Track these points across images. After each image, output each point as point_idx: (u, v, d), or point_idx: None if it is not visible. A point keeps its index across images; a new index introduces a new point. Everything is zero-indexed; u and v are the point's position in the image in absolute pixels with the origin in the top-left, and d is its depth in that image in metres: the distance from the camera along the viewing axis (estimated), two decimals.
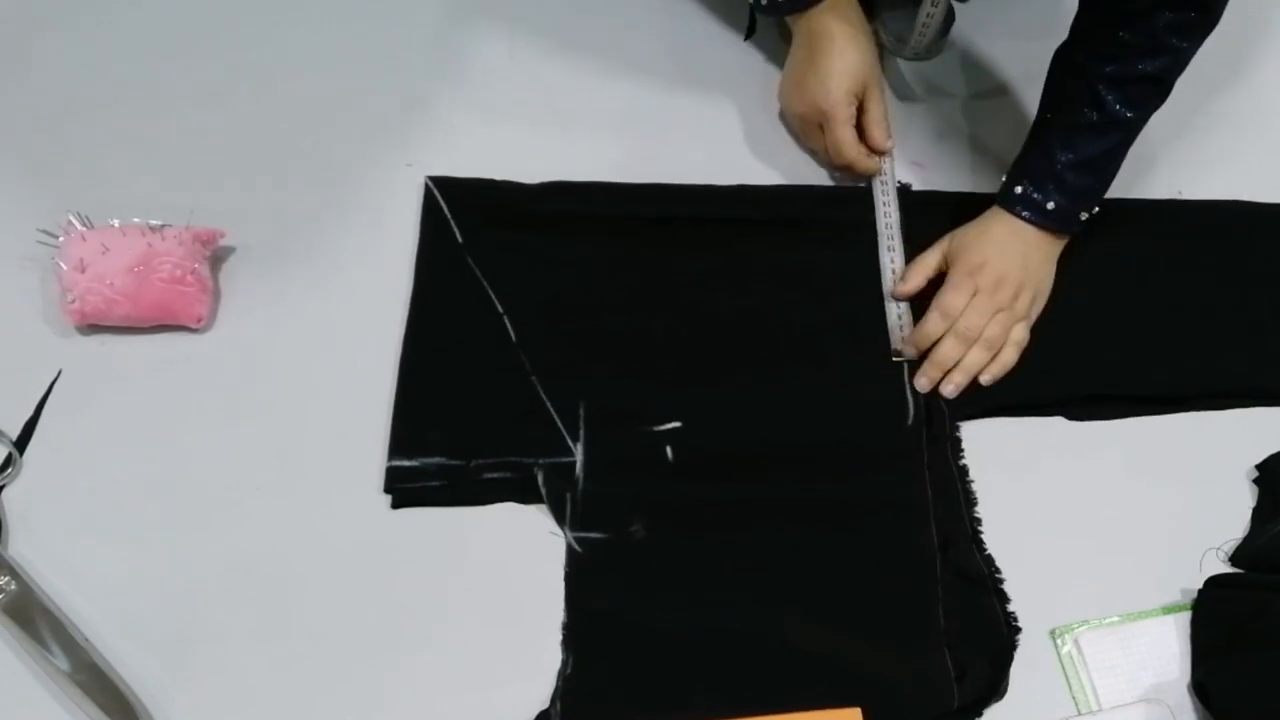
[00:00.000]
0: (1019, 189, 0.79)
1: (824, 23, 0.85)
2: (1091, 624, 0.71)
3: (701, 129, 0.91)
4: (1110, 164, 0.79)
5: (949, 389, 0.78)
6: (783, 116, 0.92)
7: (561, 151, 0.88)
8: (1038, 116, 0.81)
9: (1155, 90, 0.77)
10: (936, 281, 0.82)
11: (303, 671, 0.67)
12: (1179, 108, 0.85)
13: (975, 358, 0.78)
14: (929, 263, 0.82)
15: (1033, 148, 0.80)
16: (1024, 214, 0.79)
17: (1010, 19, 0.99)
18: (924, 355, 0.79)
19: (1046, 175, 0.78)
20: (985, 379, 0.79)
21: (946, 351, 0.78)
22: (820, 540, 0.72)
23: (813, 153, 0.90)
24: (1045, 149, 0.78)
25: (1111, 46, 0.74)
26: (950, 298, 0.79)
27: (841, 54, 0.84)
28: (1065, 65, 0.78)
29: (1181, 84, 0.77)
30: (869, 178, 0.88)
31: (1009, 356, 0.79)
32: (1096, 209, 0.80)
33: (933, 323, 0.79)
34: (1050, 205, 0.79)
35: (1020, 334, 0.80)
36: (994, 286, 0.79)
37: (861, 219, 0.87)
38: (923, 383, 0.79)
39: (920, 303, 0.81)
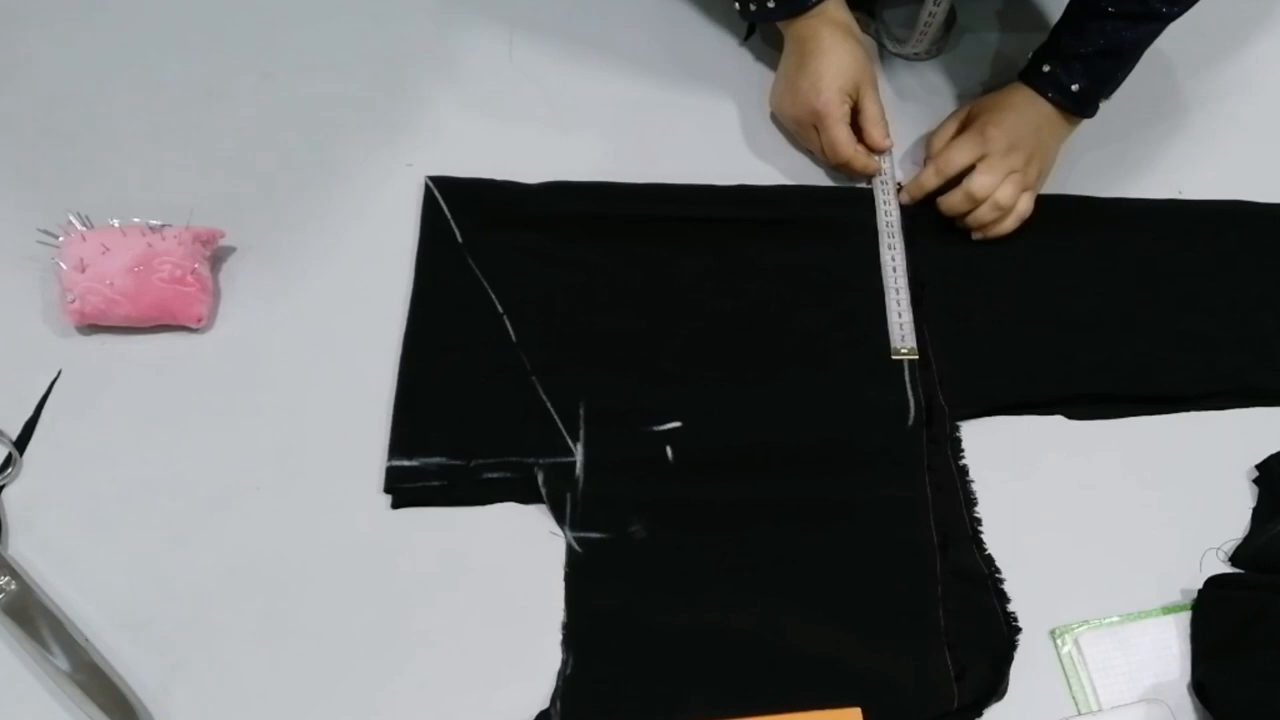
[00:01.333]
0: (1046, 68, 0.82)
1: (813, 27, 0.86)
2: (1091, 624, 0.71)
3: (701, 129, 0.91)
4: (1136, 54, 0.82)
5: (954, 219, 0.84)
6: (777, 121, 0.92)
7: (561, 151, 0.88)
8: (1071, 1, 0.82)
9: None
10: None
11: (303, 671, 0.67)
12: (1179, 108, 0.85)
13: (984, 214, 0.82)
14: (949, 129, 0.86)
15: (1064, 30, 0.82)
16: (1048, 93, 0.82)
17: (1010, 19, 0.99)
18: (925, 350, 0.80)
19: (1075, 57, 0.81)
20: (976, 235, 0.83)
21: (954, 201, 0.82)
22: (820, 540, 0.72)
23: (811, 153, 0.90)
24: (1079, 32, 0.80)
25: None
26: (951, 154, 0.83)
27: (831, 54, 0.85)
28: None
29: (1181, 83, 0.77)
30: (868, 177, 0.88)
31: (1009, 225, 0.83)
32: (1109, 99, 0.83)
33: (928, 175, 0.84)
34: (1075, 87, 0.81)
35: (1026, 204, 0.83)
36: (1006, 150, 0.82)
37: (861, 219, 0.87)
38: (904, 199, 0.84)
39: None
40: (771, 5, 0.86)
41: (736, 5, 0.88)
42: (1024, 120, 0.83)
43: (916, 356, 0.80)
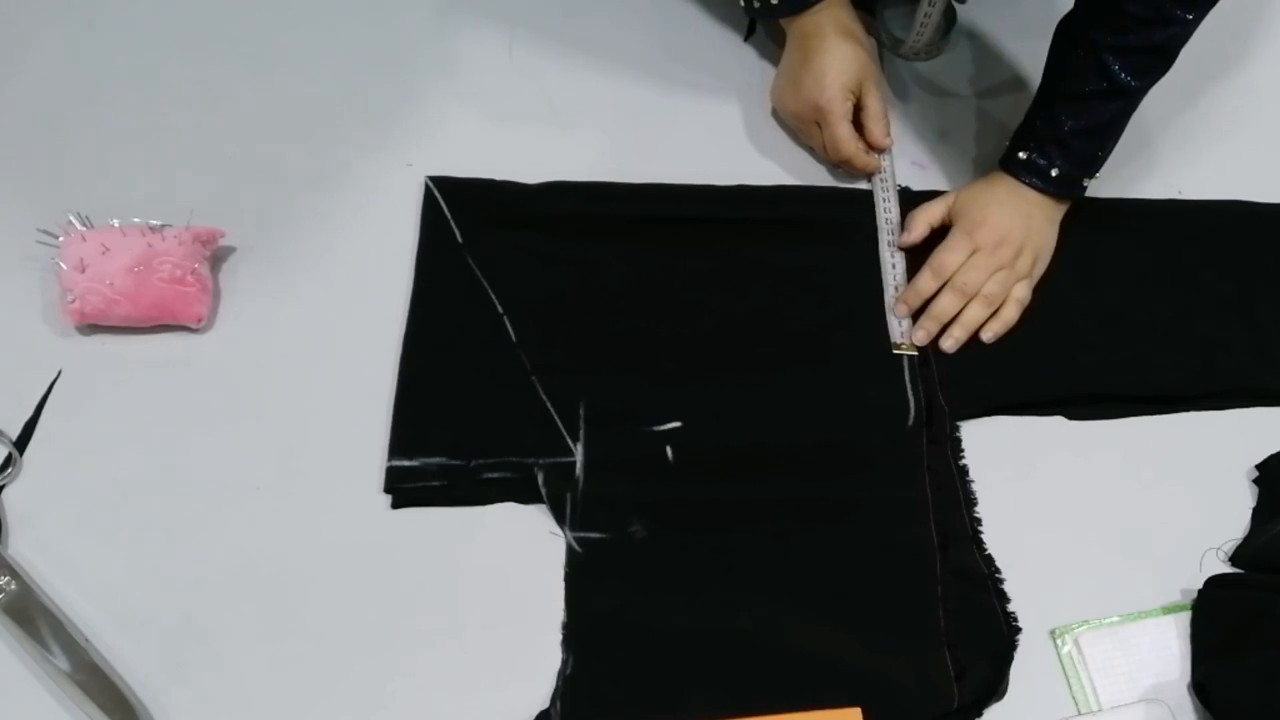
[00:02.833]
0: (1023, 154, 0.81)
1: (817, 24, 0.86)
2: (1091, 624, 0.71)
3: (701, 129, 0.91)
4: (1114, 131, 0.80)
5: (949, 343, 0.79)
6: (777, 117, 0.92)
7: (561, 151, 0.88)
8: (1041, 85, 0.81)
9: (1160, 60, 0.77)
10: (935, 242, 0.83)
11: (303, 671, 0.67)
12: (1179, 108, 0.84)
13: (975, 312, 0.79)
14: (934, 212, 0.84)
15: (1037, 114, 0.81)
16: (1028, 179, 0.81)
17: (1009, 19, 0.99)
18: (925, 349, 0.80)
19: (1051, 141, 0.79)
20: (987, 336, 0.80)
21: (944, 305, 0.80)
22: (820, 540, 0.72)
23: (812, 151, 0.90)
24: (1050, 116, 0.79)
25: (1118, 17, 0.75)
26: (944, 255, 0.81)
27: (835, 51, 0.85)
28: (1070, 35, 0.78)
29: (1181, 84, 0.77)
30: (869, 175, 0.88)
31: (1010, 314, 0.80)
32: (1097, 176, 0.81)
33: (924, 279, 0.80)
34: (1054, 172, 0.80)
35: (1022, 292, 0.81)
36: (995, 245, 0.80)
37: (861, 219, 0.87)
38: (920, 335, 0.80)
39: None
40: (775, 1, 0.86)
41: (741, 1, 0.88)
42: (1010, 211, 0.81)
43: (916, 352, 0.80)
